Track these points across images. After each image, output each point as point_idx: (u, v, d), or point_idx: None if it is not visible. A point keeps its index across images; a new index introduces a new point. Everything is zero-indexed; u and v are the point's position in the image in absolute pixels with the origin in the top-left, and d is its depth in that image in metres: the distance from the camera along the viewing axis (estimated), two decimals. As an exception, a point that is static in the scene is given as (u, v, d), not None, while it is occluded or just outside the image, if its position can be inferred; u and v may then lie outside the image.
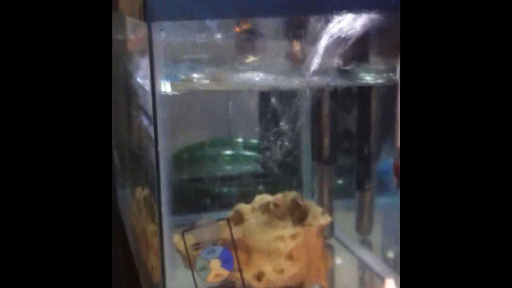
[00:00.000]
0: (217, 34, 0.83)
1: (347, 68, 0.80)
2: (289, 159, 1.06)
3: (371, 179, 0.97)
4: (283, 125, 0.92)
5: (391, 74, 0.83)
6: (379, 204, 1.02)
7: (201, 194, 1.10)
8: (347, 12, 0.74)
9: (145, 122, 0.78)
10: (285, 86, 0.83)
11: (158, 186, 0.65)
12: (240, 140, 1.32)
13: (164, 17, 0.66)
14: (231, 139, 1.32)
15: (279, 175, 1.11)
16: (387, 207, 1.10)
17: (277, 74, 0.80)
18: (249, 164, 1.28)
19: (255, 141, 1.29)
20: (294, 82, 0.81)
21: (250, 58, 0.84)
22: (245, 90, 0.98)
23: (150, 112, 0.69)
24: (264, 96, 1.07)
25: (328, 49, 0.77)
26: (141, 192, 0.87)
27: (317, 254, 0.82)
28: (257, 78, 0.78)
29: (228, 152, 1.31)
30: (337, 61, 0.79)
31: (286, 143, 0.95)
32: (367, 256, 0.97)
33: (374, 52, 0.86)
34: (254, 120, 1.10)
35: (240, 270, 0.77)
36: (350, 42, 0.77)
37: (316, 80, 0.79)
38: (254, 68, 0.80)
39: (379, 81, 0.89)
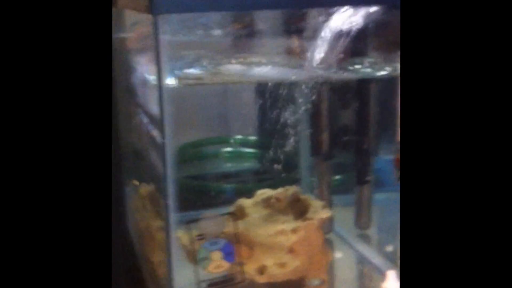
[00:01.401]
0: (219, 28, 0.84)
1: (346, 61, 0.81)
2: (290, 154, 1.07)
3: (370, 173, 0.98)
4: (284, 120, 0.93)
5: (390, 68, 0.84)
6: (376, 199, 1.03)
7: (203, 190, 1.12)
8: (347, 6, 0.75)
9: (150, 117, 0.79)
10: (286, 80, 0.84)
11: (165, 178, 0.66)
12: (239, 137, 1.33)
13: (170, 9, 0.67)
14: (229, 137, 1.34)
15: (280, 171, 1.12)
16: (385, 202, 1.11)
17: (278, 68, 0.81)
18: (248, 161, 1.29)
19: (254, 138, 1.30)
20: (295, 76, 0.81)
21: (251, 53, 0.85)
22: (246, 84, 0.99)
23: (155, 106, 0.70)
24: (265, 90, 1.08)
25: (327, 43, 0.78)
26: (146, 188, 0.88)
27: (318, 248, 0.84)
28: (259, 71, 0.78)
29: (228, 149, 1.32)
30: (336, 55, 0.80)
31: (287, 139, 0.96)
32: (366, 250, 0.98)
33: (374, 46, 0.87)
34: (254, 115, 1.11)
35: (241, 264, 0.78)
36: (350, 35, 0.78)
37: (316, 74, 0.80)
38: (256, 62, 0.80)
39: (379, 74, 0.90)
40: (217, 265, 0.77)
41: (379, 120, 0.95)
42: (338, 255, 0.98)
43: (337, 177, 1.11)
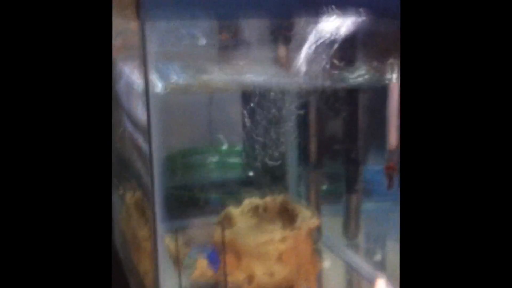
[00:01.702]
0: (205, 37, 0.84)
1: (335, 70, 0.81)
2: (278, 163, 1.07)
3: (359, 182, 0.98)
4: (272, 129, 0.93)
5: (380, 77, 0.84)
6: (365, 209, 1.03)
7: (190, 200, 1.11)
8: (338, 14, 0.75)
9: (136, 125, 0.79)
10: (274, 89, 0.84)
11: (152, 185, 0.65)
12: (226, 147, 1.33)
13: (157, 17, 0.67)
14: (216, 147, 1.33)
15: (267, 180, 1.12)
16: (372, 212, 1.11)
17: (267, 77, 0.81)
18: (236, 170, 1.29)
19: (241, 147, 1.30)
20: (283, 84, 0.81)
21: (240, 61, 0.85)
22: (233, 92, 0.99)
23: (142, 114, 0.69)
24: (253, 99, 1.08)
25: (316, 52, 0.78)
26: (132, 197, 0.87)
27: (306, 257, 0.83)
28: (246, 80, 0.78)
29: (215, 159, 1.32)
30: (324, 64, 0.80)
31: (275, 148, 0.96)
32: (354, 259, 0.98)
33: (363, 55, 0.87)
34: (241, 124, 1.11)
35: (225, 274, 0.78)
36: (339, 44, 0.78)
37: (304, 83, 0.80)
38: (244, 71, 0.80)
39: (368, 83, 0.90)
40: (202, 273, 0.77)
41: (368, 129, 0.95)
42: (326, 264, 0.97)
43: (325, 186, 1.10)
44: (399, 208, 0.54)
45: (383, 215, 1.13)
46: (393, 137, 0.73)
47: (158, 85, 0.69)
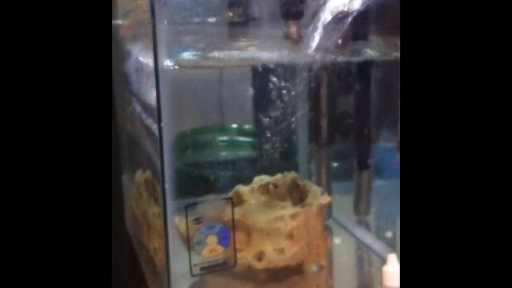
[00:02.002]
0: (215, 13, 0.83)
1: (346, 45, 0.81)
2: (289, 141, 1.06)
3: (370, 158, 0.98)
4: (282, 106, 0.92)
5: (392, 51, 0.84)
6: (375, 186, 1.03)
7: (199, 178, 1.11)
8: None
9: (145, 103, 0.79)
10: (284, 64, 0.83)
11: (162, 164, 0.65)
12: (236, 125, 1.33)
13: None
14: (226, 125, 1.33)
15: (278, 158, 1.11)
16: (383, 189, 1.11)
17: (278, 53, 0.80)
18: (246, 149, 1.29)
19: (251, 125, 1.30)
20: (294, 59, 0.81)
21: (250, 37, 0.84)
22: (243, 69, 0.98)
23: (150, 92, 0.69)
24: (263, 76, 1.07)
25: (327, 26, 0.78)
26: (141, 175, 0.87)
27: (316, 234, 0.83)
28: (258, 56, 0.77)
29: (225, 137, 1.32)
30: (336, 38, 0.79)
31: (285, 125, 0.95)
32: (365, 236, 0.98)
33: (375, 29, 0.86)
34: (251, 102, 1.10)
35: (235, 250, 0.78)
36: (350, 18, 0.77)
37: (315, 57, 0.79)
38: (254, 47, 0.80)
39: (380, 58, 0.89)
40: (211, 249, 0.77)
41: (380, 105, 0.94)
42: (337, 241, 0.97)
43: (336, 164, 1.10)
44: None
45: (394, 192, 1.12)
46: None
47: (167, 61, 0.69)
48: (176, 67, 0.70)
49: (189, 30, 0.81)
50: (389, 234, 0.99)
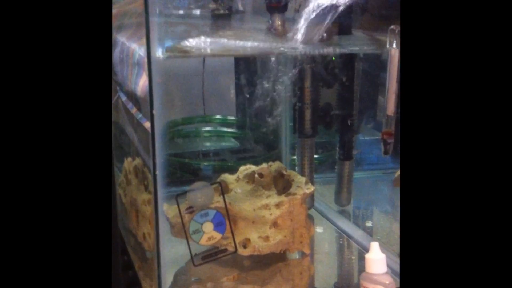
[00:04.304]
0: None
1: (331, 37, 0.82)
2: (272, 132, 1.08)
3: (353, 149, 1.00)
4: (266, 97, 0.94)
5: (375, 45, 0.85)
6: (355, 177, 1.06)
7: (186, 167, 1.12)
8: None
9: (131, 91, 0.79)
10: (268, 54, 0.84)
11: (153, 150, 0.66)
12: (220, 116, 1.34)
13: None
14: (211, 116, 1.35)
15: (262, 148, 1.13)
16: (363, 179, 1.14)
17: (262, 44, 0.81)
18: (229, 139, 1.31)
19: (235, 117, 1.32)
20: (278, 50, 0.82)
21: (234, 29, 0.85)
22: (228, 60, 0.98)
23: (137, 81, 0.70)
24: (247, 67, 1.09)
25: (312, 18, 0.79)
26: (130, 163, 0.88)
27: (300, 222, 0.85)
28: (243, 47, 0.78)
29: (209, 128, 1.33)
30: (322, 31, 0.80)
31: (269, 117, 0.97)
32: (345, 225, 1.00)
33: (359, 22, 0.87)
34: (234, 94, 1.12)
35: (232, 233, 0.79)
36: (335, 11, 0.78)
37: (300, 50, 0.81)
38: (239, 38, 0.81)
39: (363, 51, 0.91)
40: (209, 236, 0.78)
41: (363, 97, 0.96)
42: (319, 229, 1.00)
43: (318, 154, 1.13)
44: (387, 178, 0.55)
45: (373, 183, 1.15)
46: (391, 103, 0.74)
47: (158, 51, 0.70)
48: (166, 56, 0.71)
49: (174, 21, 0.82)
50: (368, 223, 1.02)
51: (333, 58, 0.91)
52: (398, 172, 0.96)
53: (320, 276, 0.86)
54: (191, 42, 0.77)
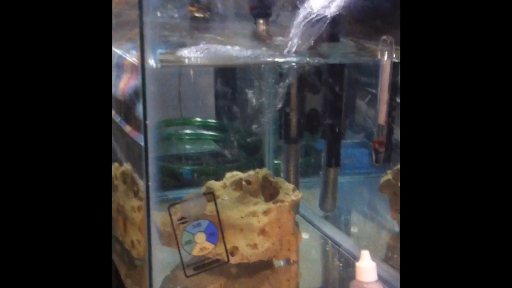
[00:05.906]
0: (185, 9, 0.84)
1: (317, 46, 0.82)
2: (257, 138, 1.08)
3: (339, 156, 1.00)
4: (252, 103, 0.93)
5: (362, 53, 0.85)
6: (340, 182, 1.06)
7: (173, 172, 1.11)
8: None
9: (128, 98, 0.78)
10: (255, 62, 0.84)
11: (147, 159, 0.65)
12: (200, 119, 1.34)
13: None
14: (192, 119, 1.34)
15: (246, 154, 1.13)
16: (349, 185, 1.14)
17: (247, 51, 0.80)
18: (212, 143, 1.30)
19: (217, 120, 1.31)
20: (264, 58, 0.82)
21: (217, 35, 0.85)
22: (211, 66, 0.98)
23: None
24: (231, 73, 1.08)
25: (299, 27, 0.79)
26: (118, 168, 0.87)
27: (288, 229, 0.85)
28: (227, 53, 0.78)
29: (189, 132, 1.33)
30: (307, 40, 0.80)
31: (254, 122, 0.97)
32: (330, 231, 1.01)
33: (346, 31, 0.88)
34: (218, 98, 1.12)
35: (225, 244, 0.79)
36: (322, 20, 0.78)
37: (285, 57, 0.81)
38: (222, 44, 0.80)
39: (351, 59, 0.91)
40: (202, 247, 0.77)
41: (348, 104, 0.97)
42: (305, 236, 1.00)
43: (304, 160, 1.12)
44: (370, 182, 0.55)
45: (358, 189, 1.16)
46: (382, 113, 0.75)
47: (151, 60, 0.69)
48: (159, 65, 0.70)
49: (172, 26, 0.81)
50: (353, 229, 1.03)
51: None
52: (385, 178, 0.97)
53: (306, 283, 0.86)
54: (184, 52, 0.76)
